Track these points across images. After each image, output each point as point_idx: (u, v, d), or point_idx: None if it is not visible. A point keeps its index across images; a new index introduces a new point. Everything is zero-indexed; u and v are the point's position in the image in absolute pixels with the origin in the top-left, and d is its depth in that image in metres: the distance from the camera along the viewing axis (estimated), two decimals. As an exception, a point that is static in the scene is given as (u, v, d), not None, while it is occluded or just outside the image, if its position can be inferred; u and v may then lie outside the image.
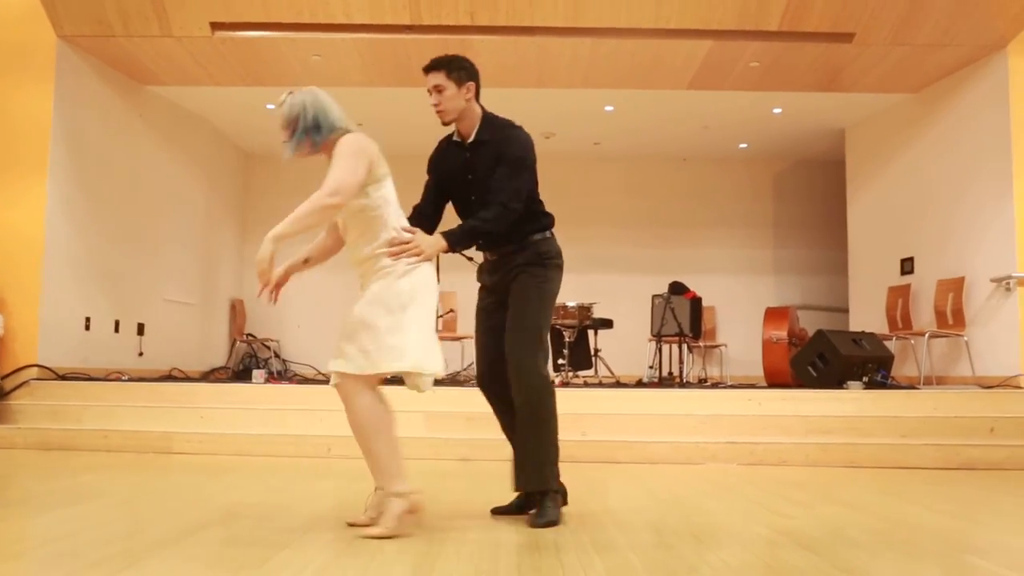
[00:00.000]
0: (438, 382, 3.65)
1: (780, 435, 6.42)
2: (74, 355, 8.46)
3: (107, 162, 9.12)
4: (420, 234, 3.57)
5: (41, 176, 8.16)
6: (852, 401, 6.93)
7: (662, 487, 4.92)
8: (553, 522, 3.59)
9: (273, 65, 9.02)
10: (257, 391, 7.29)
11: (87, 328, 8.75)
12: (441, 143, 4.14)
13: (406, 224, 3.61)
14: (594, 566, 2.83)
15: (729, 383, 10.14)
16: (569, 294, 11.66)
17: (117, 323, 9.29)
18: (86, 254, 8.77)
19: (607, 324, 9.43)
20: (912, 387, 8.02)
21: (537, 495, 3.71)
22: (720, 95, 9.85)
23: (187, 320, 10.90)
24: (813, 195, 12.87)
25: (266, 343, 12.36)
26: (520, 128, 3.99)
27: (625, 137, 11.90)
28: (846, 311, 11.36)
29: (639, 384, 8.91)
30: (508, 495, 3.95)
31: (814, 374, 7.98)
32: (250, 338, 12.28)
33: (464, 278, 10.48)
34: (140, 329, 9.74)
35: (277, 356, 12.36)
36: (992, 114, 8.69)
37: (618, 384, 8.76)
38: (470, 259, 4.06)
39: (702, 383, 10.13)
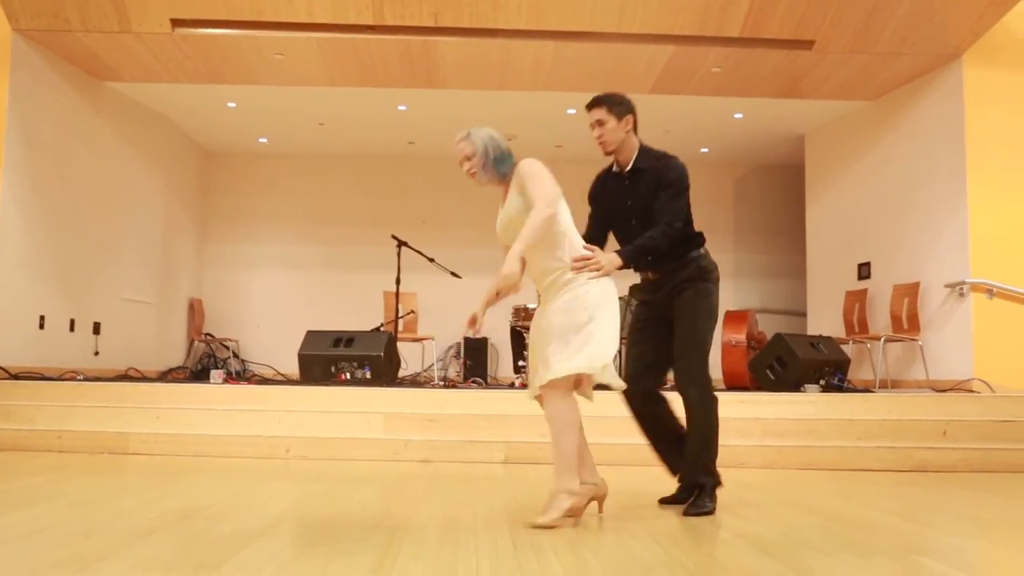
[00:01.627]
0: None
1: (738, 438, 6.46)
2: (27, 354, 8.33)
3: (63, 159, 9.00)
4: (599, 251, 3.89)
5: (-5, 172, 8.04)
6: (809, 404, 7.01)
7: (621, 489, 4.94)
8: (708, 512, 4.02)
9: (234, 63, 8.95)
10: (215, 391, 7.22)
11: (41, 327, 8.63)
12: (600, 175, 4.53)
13: (581, 241, 3.91)
14: (552, 568, 2.83)
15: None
16: (530, 296, 11.69)
17: (72, 322, 9.17)
18: (41, 252, 8.65)
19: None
20: (868, 390, 8.13)
21: (696, 487, 4.13)
22: (682, 100, 9.92)
23: (144, 319, 10.78)
24: (773, 200, 12.99)
25: (225, 343, 12.26)
26: (675, 157, 4.31)
27: (587, 141, 11.71)
28: (804, 315, 11.49)
29: (599, 386, 8.93)
30: (469, 498, 3.94)
31: (772, 377, 8.06)
32: (208, 338, 12.17)
33: (425, 279, 10.48)
34: (96, 328, 9.61)
35: (236, 356, 12.25)
36: (947, 122, 8.84)
37: (578, 386, 8.76)
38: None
39: (663, 386, 10.16)
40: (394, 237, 8.94)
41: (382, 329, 9.11)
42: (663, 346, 4.24)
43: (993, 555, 3.30)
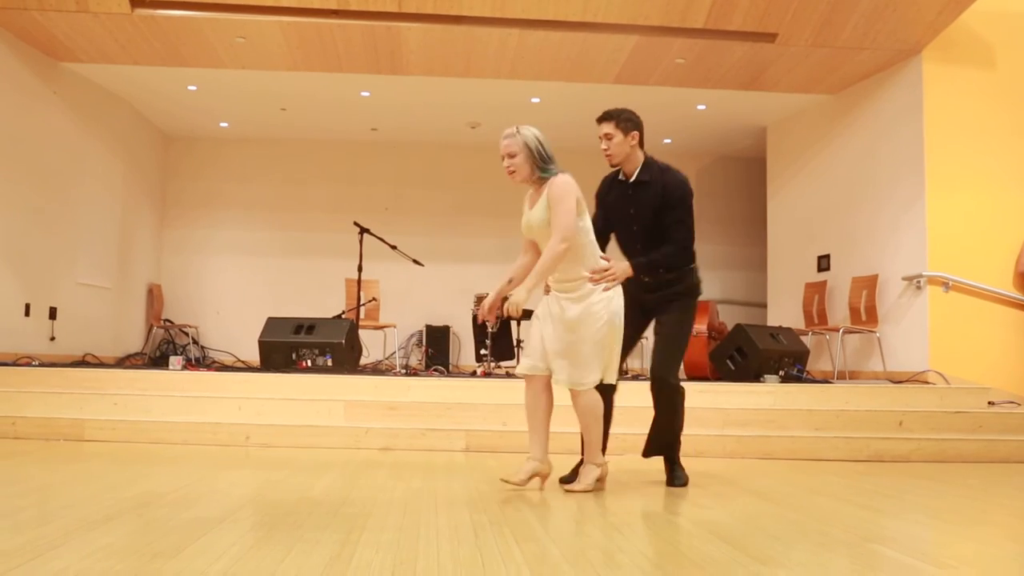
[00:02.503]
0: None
1: (698, 427, 6.50)
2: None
3: (18, 140, 8.84)
4: (615, 261, 4.31)
5: (-52, 153, 7.88)
6: (768, 394, 7.08)
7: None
8: (684, 483, 4.66)
9: (195, 46, 8.84)
10: (174, 378, 7.15)
11: (-5, 311, 8.50)
12: (607, 179, 4.84)
13: (599, 252, 4.35)
14: (513, 556, 2.84)
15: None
16: (492, 284, 11.68)
17: (28, 306, 9.03)
18: (-5, 235, 8.51)
19: (530, 315, 9.44)
20: (826, 381, 8.23)
21: (667, 463, 4.78)
22: (645, 90, 9.95)
23: (102, 305, 10.64)
24: (735, 191, 13.08)
25: (184, 329, 12.14)
26: (677, 171, 4.68)
27: (551, 129, 11.72)
28: (764, 306, 11.60)
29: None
30: (429, 486, 3.93)
31: (732, 367, 8.13)
32: (167, 324, 12.04)
33: (387, 267, 10.44)
34: (52, 313, 9.47)
35: (195, 343, 12.14)
36: (906, 117, 8.95)
37: (540, 375, 8.79)
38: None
39: (623, 375, 10.21)
40: (356, 224, 8.89)
41: (344, 316, 9.07)
42: (634, 336, 4.62)
43: (947, 543, 3.35)
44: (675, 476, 4.73)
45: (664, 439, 4.78)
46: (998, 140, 8.71)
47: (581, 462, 4.63)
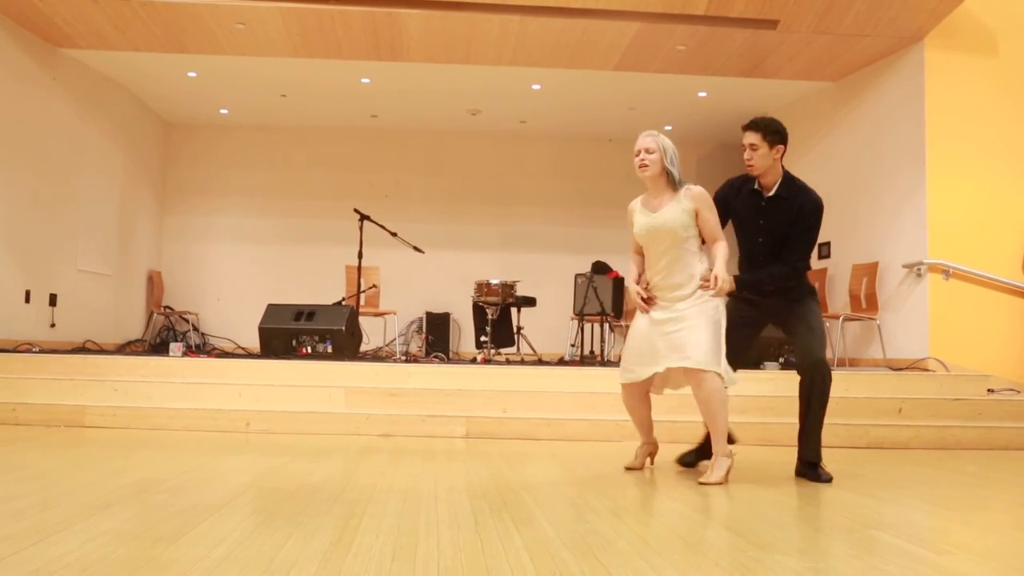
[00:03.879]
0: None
1: (698, 414, 6.50)
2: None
3: (17, 126, 8.82)
4: (722, 274, 4.27)
5: (-52, 139, 7.87)
6: (768, 381, 7.08)
7: (581, 464, 4.98)
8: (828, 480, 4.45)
9: (195, 33, 8.81)
10: (174, 364, 7.16)
11: (-4, 298, 8.50)
12: (736, 184, 4.72)
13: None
14: (513, 541, 2.85)
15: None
16: (492, 271, 11.70)
17: (28, 293, 9.03)
18: (-5, 221, 8.50)
19: (530, 302, 9.46)
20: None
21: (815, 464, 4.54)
22: (647, 77, 9.93)
23: (102, 291, 10.64)
24: (735, 179, 13.03)
25: (184, 316, 12.14)
26: (813, 191, 4.63)
27: (552, 116, 11.92)
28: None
29: (561, 362, 8.97)
30: (429, 472, 3.94)
31: (732, 354, 8.11)
32: (168, 311, 12.05)
33: (387, 253, 10.43)
34: (52, 300, 9.48)
35: (196, 329, 12.15)
36: (908, 104, 8.92)
37: (540, 362, 8.81)
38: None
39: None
40: (356, 211, 8.88)
41: (344, 303, 9.06)
42: (746, 339, 4.69)
43: (946, 530, 3.36)
44: (824, 473, 4.51)
45: (818, 436, 4.54)
46: (1000, 127, 8.69)
47: (700, 447, 4.76)
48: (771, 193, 4.57)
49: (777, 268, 4.51)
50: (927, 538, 3.19)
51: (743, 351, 4.62)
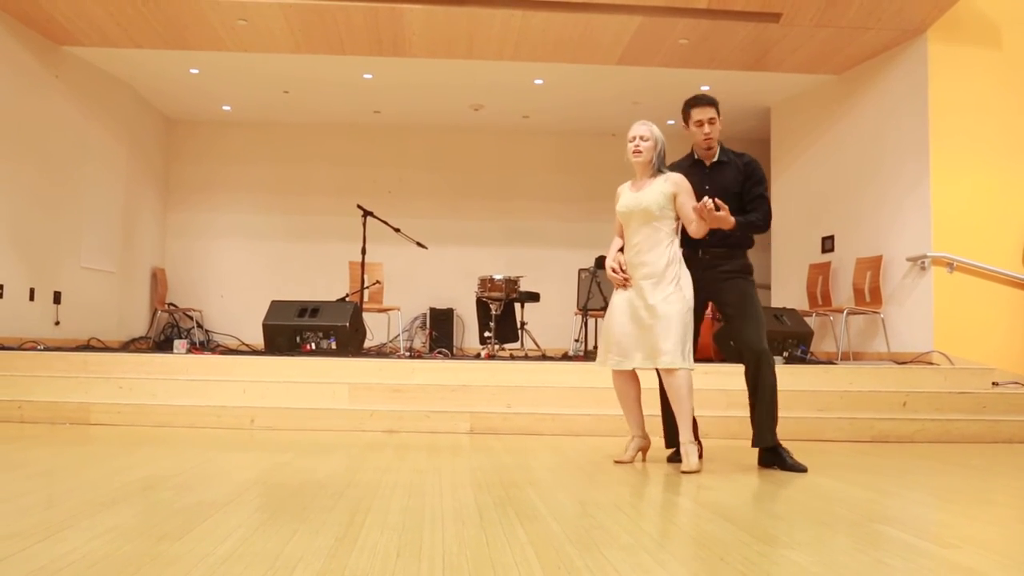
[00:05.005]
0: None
1: (702, 408, 6.47)
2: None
3: (20, 124, 8.83)
4: (725, 208, 4.39)
5: (-49, 137, 7.87)
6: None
7: (586, 459, 4.98)
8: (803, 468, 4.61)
9: (197, 29, 8.81)
10: (178, 361, 7.17)
11: (0, 296, 8.50)
12: (682, 163, 5.02)
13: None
14: (517, 535, 2.85)
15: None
16: (496, 267, 11.70)
17: (32, 291, 9.05)
18: (-1, 219, 8.51)
19: (534, 297, 9.46)
20: (830, 362, 8.22)
21: (777, 450, 4.71)
22: (649, 71, 9.91)
23: (106, 289, 10.65)
24: (738, 173, 13.01)
25: (188, 313, 12.15)
26: (750, 155, 4.97)
27: (554, 111, 11.91)
28: (768, 287, 11.58)
29: (565, 357, 8.98)
30: (434, 468, 3.94)
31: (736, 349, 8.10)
32: (172, 308, 12.06)
33: (391, 249, 10.43)
34: (57, 297, 9.49)
35: (200, 326, 12.16)
36: (911, 97, 8.91)
37: (544, 357, 8.81)
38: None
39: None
40: (360, 207, 8.88)
41: (347, 299, 9.07)
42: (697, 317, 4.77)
43: (950, 523, 3.36)
44: (791, 460, 4.65)
45: (774, 419, 4.71)
46: (1003, 120, 8.67)
47: (677, 445, 4.75)
48: (714, 160, 4.89)
49: (757, 215, 4.78)
50: (932, 532, 3.19)
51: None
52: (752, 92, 10.84)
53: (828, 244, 10.29)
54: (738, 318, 4.77)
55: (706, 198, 4.39)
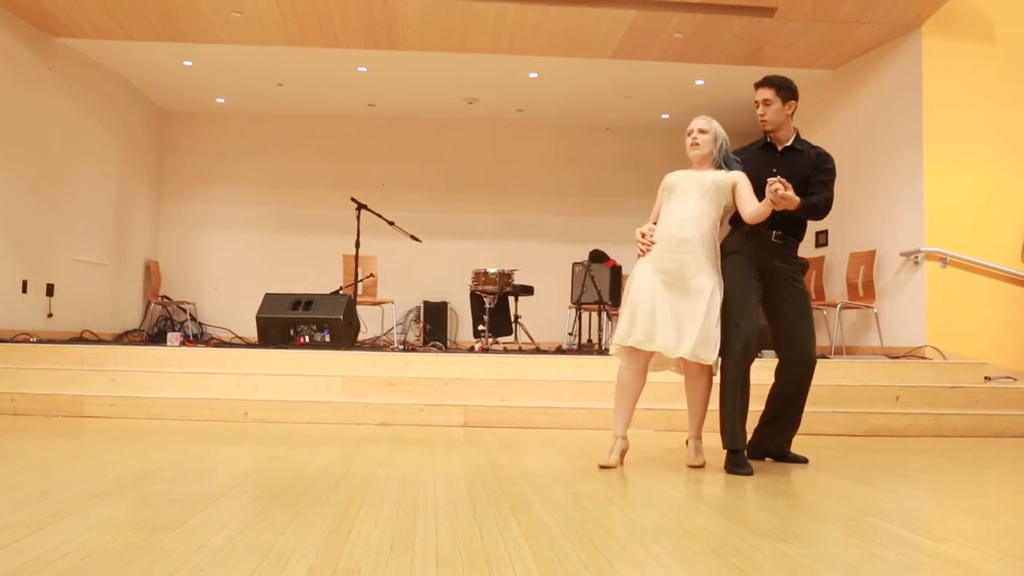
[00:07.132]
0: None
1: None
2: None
3: (12, 116, 8.80)
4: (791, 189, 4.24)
5: (-57, 129, 7.84)
6: (766, 370, 7.04)
7: (579, 452, 4.99)
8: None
9: (191, 21, 8.78)
10: (172, 354, 7.16)
11: (-7, 288, 8.49)
12: (752, 146, 4.94)
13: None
14: (510, 527, 2.85)
15: (647, 351, 10.24)
16: (490, 260, 11.69)
17: (25, 283, 9.02)
18: (-8, 211, 8.48)
19: (528, 291, 9.46)
20: (823, 357, 8.22)
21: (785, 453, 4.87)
22: (643, 65, 9.91)
23: (99, 281, 10.63)
24: (732, 167, 13.02)
25: (182, 306, 12.13)
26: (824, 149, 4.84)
27: (549, 105, 11.90)
28: (762, 282, 11.58)
29: (558, 351, 8.98)
30: (428, 461, 3.94)
31: (730, 343, 8.11)
32: (165, 300, 12.03)
33: (385, 243, 10.42)
34: (49, 290, 9.46)
35: (193, 319, 12.14)
36: (905, 92, 8.91)
37: (538, 351, 8.81)
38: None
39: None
40: (353, 200, 8.87)
41: (341, 292, 9.06)
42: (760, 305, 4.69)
43: (943, 517, 3.37)
44: (794, 455, 4.82)
45: (795, 429, 4.85)
46: (997, 115, 8.68)
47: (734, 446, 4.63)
48: (787, 145, 4.78)
49: (819, 197, 4.56)
50: (924, 525, 3.20)
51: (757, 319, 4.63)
52: (747, 87, 10.67)
53: (822, 239, 10.30)
54: (798, 319, 4.67)
55: (773, 179, 4.22)
